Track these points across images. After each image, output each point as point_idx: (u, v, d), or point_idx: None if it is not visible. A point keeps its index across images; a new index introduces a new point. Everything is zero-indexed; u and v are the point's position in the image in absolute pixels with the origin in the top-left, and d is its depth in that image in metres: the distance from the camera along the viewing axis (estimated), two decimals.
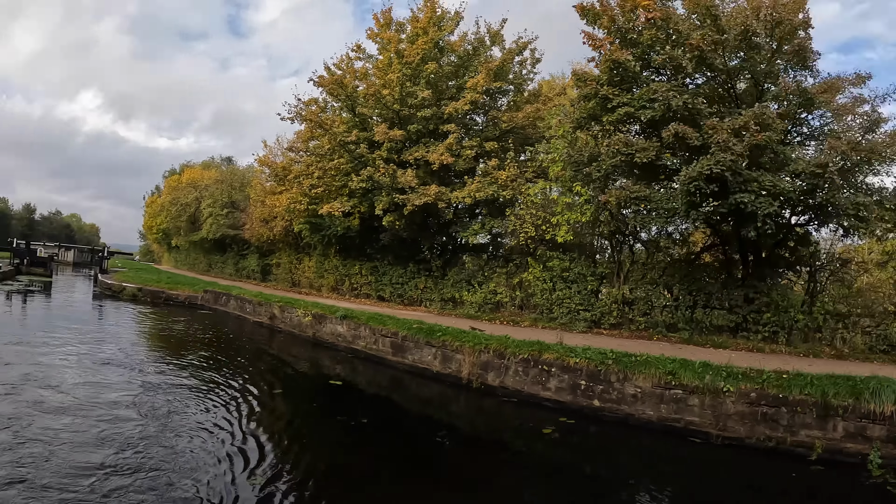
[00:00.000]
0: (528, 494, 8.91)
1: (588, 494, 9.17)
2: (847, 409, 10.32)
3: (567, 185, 17.94)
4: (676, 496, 9.20)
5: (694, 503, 9.06)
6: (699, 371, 11.80)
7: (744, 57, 15.06)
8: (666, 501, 9.02)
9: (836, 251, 17.36)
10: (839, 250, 17.48)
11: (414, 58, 22.13)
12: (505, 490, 9.06)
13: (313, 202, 24.25)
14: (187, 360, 17.11)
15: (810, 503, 9.16)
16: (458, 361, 15.61)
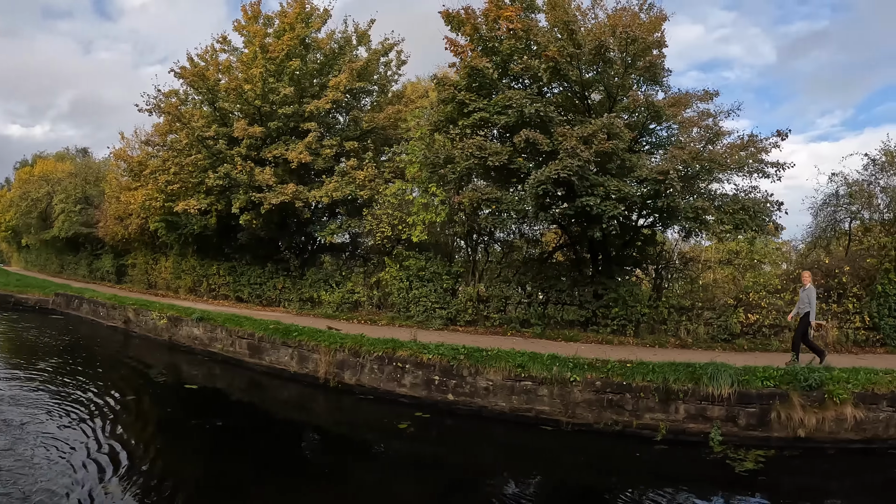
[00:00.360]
0: (394, 490, 9.21)
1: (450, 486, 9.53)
2: (687, 392, 11.29)
3: (423, 186, 18.26)
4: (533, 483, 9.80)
5: (550, 489, 9.56)
6: (547, 363, 12.46)
7: (598, 70, 15.83)
8: (523, 488, 9.47)
9: (682, 251, 18.90)
10: (686, 250, 19.05)
11: (278, 53, 21.84)
12: (371, 488, 9.27)
13: (170, 199, 23.38)
14: (39, 368, 16.51)
15: (656, 480, 9.76)
16: (315, 361, 15.65)
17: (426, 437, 12.03)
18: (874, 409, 10.82)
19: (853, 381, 11.07)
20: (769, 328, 15.92)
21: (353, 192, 20.82)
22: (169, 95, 24.18)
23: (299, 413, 14.35)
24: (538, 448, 11.43)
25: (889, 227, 16.95)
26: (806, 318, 13.03)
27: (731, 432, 11.04)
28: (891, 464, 10.40)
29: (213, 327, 19.34)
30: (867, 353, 15.24)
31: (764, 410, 10.96)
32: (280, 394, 15.61)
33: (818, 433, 10.73)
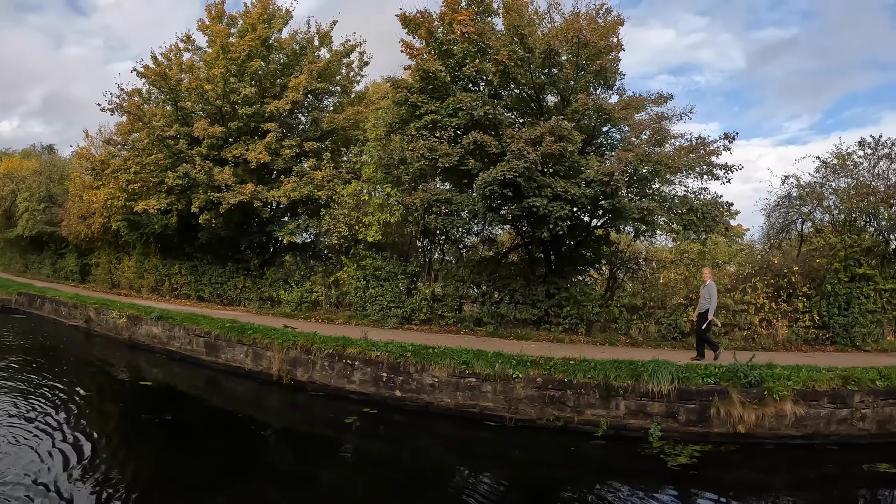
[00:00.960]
0: (341, 486, 9.39)
1: (395, 482, 9.73)
2: (627, 389, 11.51)
3: (379, 187, 18.40)
4: (477, 478, 9.92)
5: (493, 484, 9.66)
6: (491, 360, 12.65)
7: (548, 74, 16.01)
8: (468, 484, 9.68)
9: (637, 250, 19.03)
10: (639, 250, 19.19)
11: (239, 54, 21.85)
12: (319, 484, 9.44)
13: (131, 198, 23.24)
14: (1, 367, 16.63)
15: (591, 474, 10.09)
16: (269, 359, 15.83)
17: (374, 433, 12.23)
18: (815, 405, 11.05)
19: (794, 379, 11.27)
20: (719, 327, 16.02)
21: (311, 193, 20.86)
22: (132, 94, 24.04)
23: (251, 409, 14.44)
24: (483, 443, 11.61)
25: (839, 227, 17.19)
26: (705, 315, 13.39)
27: (672, 428, 11.21)
28: (829, 459, 10.53)
29: (172, 326, 19.48)
30: (816, 352, 15.51)
31: (703, 407, 11.13)
32: (237, 391, 15.76)
33: (758, 429, 10.91)
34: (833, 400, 11.07)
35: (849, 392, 11.10)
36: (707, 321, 13.38)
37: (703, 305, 13.58)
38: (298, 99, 21.71)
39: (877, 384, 11.24)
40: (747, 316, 16.09)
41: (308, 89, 22.00)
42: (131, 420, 12.99)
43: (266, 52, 23.06)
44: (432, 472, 10.34)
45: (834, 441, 10.96)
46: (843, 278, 16.29)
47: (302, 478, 9.67)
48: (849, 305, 16.19)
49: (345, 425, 12.22)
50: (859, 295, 16.24)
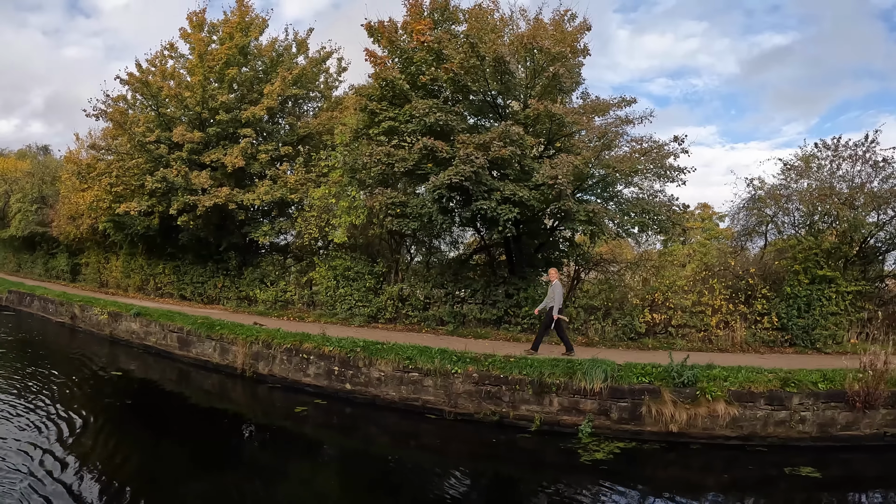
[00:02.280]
0: (295, 473, 10.10)
1: (347, 469, 10.56)
2: (560, 386, 11.82)
3: (345, 190, 18.81)
4: (418, 467, 10.67)
5: (433, 474, 10.31)
6: (434, 356, 13.13)
7: (501, 80, 16.30)
8: (408, 474, 10.31)
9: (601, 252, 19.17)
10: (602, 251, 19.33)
11: (217, 62, 22.52)
12: (278, 471, 10.00)
13: (116, 200, 23.77)
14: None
15: (514, 466, 10.66)
16: (234, 353, 16.58)
17: (327, 424, 12.90)
18: (750, 406, 11.07)
19: (731, 380, 11.34)
20: (675, 328, 16.11)
21: (284, 195, 21.47)
22: (117, 100, 24.73)
23: (210, 397, 15.29)
24: (425, 435, 12.16)
25: (799, 229, 17.22)
26: (550, 313, 13.81)
27: (604, 425, 11.48)
28: (754, 461, 10.49)
29: (149, 322, 20.35)
30: (774, 354, 15.48)
31: (635, 405, 11.36)
32: (205, 383, 16.49)
33: (691, 429, 11.03)
34: (770, 402, 11.05)
35: (787, 394, 11.06)
36: (552, 319, 13.82)
37: (546, 303, 14.08)
38: (273, 105, 22.29)
39: (819, 387, 11.16)
40: (704, 318, 16.11)
41: (282, 96, 22.63)
42: (96, 403, 13.82)
43: (244, 59, 23.68)
44: (378, 461, 10.93)
45: (771, 443, 10.92)
46: (804, 280, 16.29)
47: (255, 463, 10.41)
48: (809, 308, 16.13)
49: (300, 416, 12.96)
50: (820, 297, 16.15)
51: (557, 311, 13.74)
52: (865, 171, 17.43)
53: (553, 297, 13.81)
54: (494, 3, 18.01)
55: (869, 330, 17.28)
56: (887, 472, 10.34)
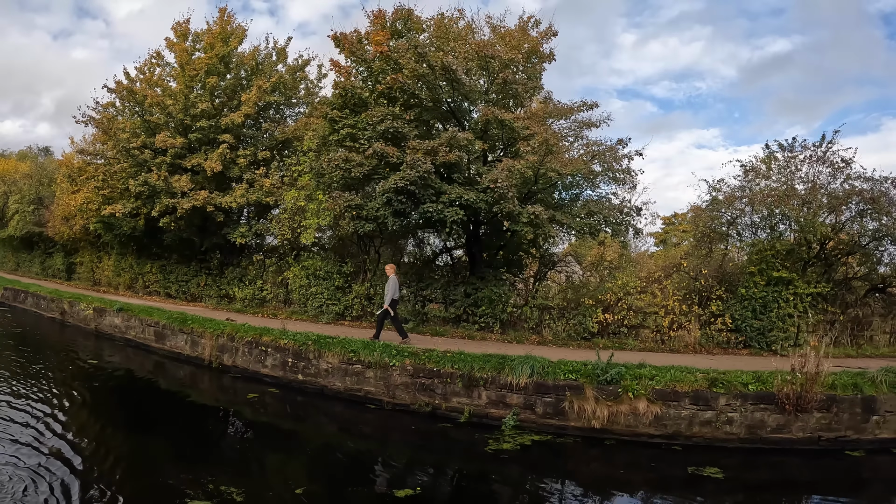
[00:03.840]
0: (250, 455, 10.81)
1: (295, 454, 11.16)
2: (488, 380, 12.29)
3: (312, 193, 19.64)
4: (358, 452, 11.37)
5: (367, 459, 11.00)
6: (376, 350, 13.87)
7: (453, 88, 16.94)
8: (349, 460, 10.94)
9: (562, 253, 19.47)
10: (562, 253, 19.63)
11: (197, 71, 23.55)
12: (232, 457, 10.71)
13: (106, 202, 24.75)
14: None
15: (436, 452, 11.28)
16: (203, 345, 17.62)
17: (281, 413, 13.74)
18: (675, 405, 11.15)
19: (658, 379, 11.46)
20: (629, 328, 16.35)
21: (259, 198, 22.38)
22: (106, 107, 25.81)
23: (176, 385, 16.20)
24: (366, 423, 12.91)
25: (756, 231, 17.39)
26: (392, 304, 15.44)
27: (530, 419, 11.82)
28: (665, 459, 10.61)
29: (129, 317, 21.42)
30: (728, 355, 15.66)
31: (559, 401, 11.62)
32: (177, 374, 17.37)
33: (614, 425, 11.23)
34: (695, 401, 11.09)
35: (713, 395, 11.08)
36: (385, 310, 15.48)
37: (387, 297, 15.46)
38: (250, 112, 23.25)
39: (749, 388, 11.14)
40: (657, 318, 16.35)
41: (259, 104, 23.59)
42: (68, 387, 14.78)
43: (225, 68, 24.59)
44: (324, 447, 11.73)
45: (697, 443, 10.96)
46: (760, 282, 16.46)
47: (213, 446, 11.33)
48: (765, 309, 16.31)
49: (252, 403, 13.93)
50: (777, 299, 16.33)
51: (388, 303, 15.33)
52: (824, 173, 17.56)
53: (389, 289, 15.39)
54: (460, 11, 18.51)
55: (831, 333, 17.38)
56: (812, 478, 10.28)
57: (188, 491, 8.08)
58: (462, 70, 15.88)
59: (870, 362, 13.87)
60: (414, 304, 18.62)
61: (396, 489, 8.69)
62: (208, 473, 8.86)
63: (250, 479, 8.98)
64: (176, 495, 7.97)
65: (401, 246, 20.92)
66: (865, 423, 11.03)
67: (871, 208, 16.76)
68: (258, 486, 8.66)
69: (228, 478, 8.67)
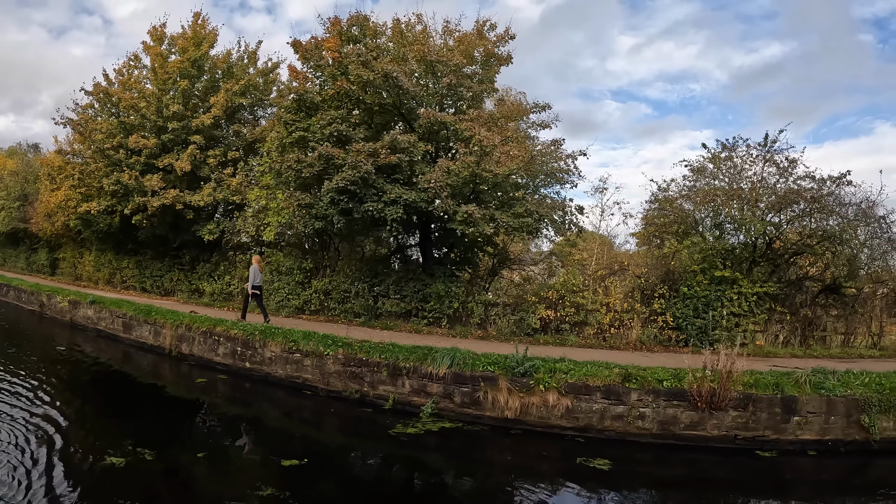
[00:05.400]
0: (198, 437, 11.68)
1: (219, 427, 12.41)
2: (411, 370, 12.94)
3: (273, 193, 20.52)
4: (274, 429, 12.52)
5: (276, 434, 12.12)
6: (314, 340, 14.71)
7: (396, 92, 17.58)
8: (260, 433, 12.21)
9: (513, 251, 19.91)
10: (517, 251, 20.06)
11: (170, 74, 24.61)
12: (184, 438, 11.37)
13: (85, 200, 25.65)
14: None
15: (348, 435, 12.28)
16: (164, 335, 18.54)
17: (231, 398, 14.72)
18: (587, 399, 11.32)
19: (573, 373, 11.65)
20: (571, 325, 16.73)
21: (226, 197, 23.43)
22: (85, 108, 26.92)
23: (135, 370, 17.35)
24: (303, 409, 13.76)
25: (697, 230, 17.67)
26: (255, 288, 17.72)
27: (449, 408, 12.30)
28: (562, 449, 10.80)
29: (101, 309, 22.45)
30: (668, 353, 15.77)
31: (475, 391, 12.05)
32: (142, 362, 18.32)
33: (527, 416, 11.56)
34: (607, 395, 11.23)
35: (625, 389, 11.17)
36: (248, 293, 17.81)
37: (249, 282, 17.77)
38: (219, 114, 24.23)
39: (663, 385, 11.19)
40: (598, 315, 16.72)
41: (227, 106, 24.51)
42: (37, 371, 15.63)
43: (197, 71, 25.56)
44: (243, 423, 12.75)
45: (609, 437, 11.12)
46: (703, 281, 16.74)
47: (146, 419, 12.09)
48: (708, 308, 16.58)
49: (202, 387, 15.13)
50: (720, 298, 16.60)
51: (250, 287, 17.64)
52: (773, 173, 17.81)
53: (250, 277, 17.69)
54: (417, 16, 19.02)
55: (780, 332, 17.68)
56: (716, 476, 10.25)
57: (110, 450, 9.26)
58: (404, 75, 16.43)
59: (815, 362, 13.78)
60: (367, 300, 19.27)
61: (285, 459, 9.62)
62: (132, 439, 9.89)
63: (165, 445, 10.00)
64: (100, 452, 9.22)
65: (359, 243, 21.47)
66: (786, 423, 10.93)
67: (814, 208, 17.04)
68: (168, 450, 9.74)
69: (146, 443, 9.67)
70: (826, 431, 10.90)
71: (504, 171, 15.59)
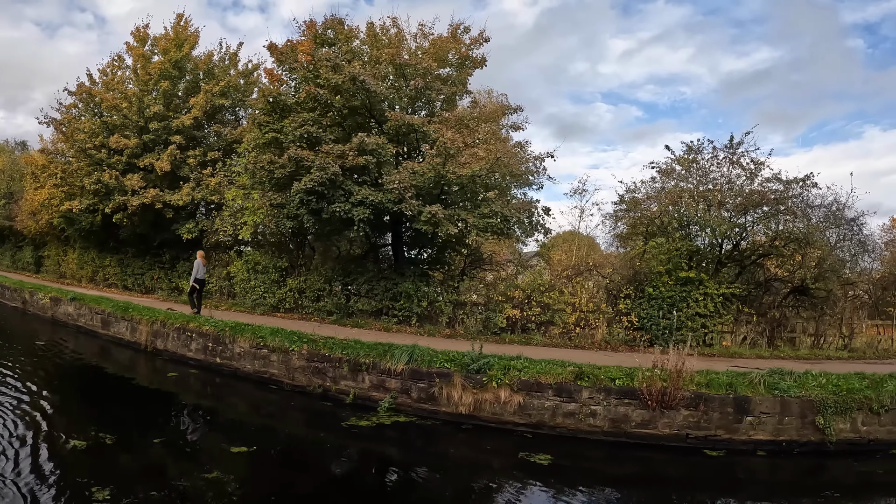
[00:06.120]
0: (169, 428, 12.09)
1: (181, 417, 12.96)
2: (371, 366, 13.34)
3: (250, 192, 20.95)
4: (233, 420, 12.97)
5: (234, 424, 12.57)
6: (280, 336, 15.15)
7: (364, 95, 17.89)
8: (219, 424, 12.66)
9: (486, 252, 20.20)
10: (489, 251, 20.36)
11: (151, 76, 25.08)
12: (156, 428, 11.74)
13: (68, 198, 26.10)
14: None
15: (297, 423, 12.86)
16: (140, 331, 19.05)
17: (184, 387, 15.30)
18: (539, 396, 11.53)
19: (526, 370, 11.91)
20: (537, 324, 17.02)
21: (205, 196, 23.91)
22: (69, 108, 27.39)
23: (131, 372, 17.17)
24: (270, 403, 14.20)
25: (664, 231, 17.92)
26: (197, 282, 19.03)
27: (406, 403, 12.61)
28: (510, 444, 10.96)
29: (81, 305, 23.01)
30: (633, 352, 15.25)
31: (431, 386, 12.36)
32: (120, 357, 18.83)
33: (481, 412, 11.84)
34: (559, 393, 11.40)
35: (577, 387, 11.34)
36: (191, 287, 19.17)
37: (192, 276, 19.11)
38: (199, 115, 24.64)
39: (615, 383, 11.31)
40: (564, 315, 17.00)
41: (207, 107, 24.93)
42: (16, 364, 16.07)
43: (179, 72, 26.01)
44: (203, 414, 13.22)
45: (561, 433, 11.27)
46: (668, 281, 17.00)
47: (113, 408, 12.78)
48: (673, 309, 16.84)
49: (173, 381, 15.63)
50: (686, 298, 16.85)
51: (192, 280, 19.05)
52: (741, 175, 18.05)
53: (193, 271, 19.02)
54: (392, 19, 19.30)
55: (749, 333, 17.92)
56: (663, 474, 10.35)
57: (74, 434, 9.89)
58: (374, 78, 16.78)
59: (780, 363, 13.96)
60: (340, 298, 19.64)
61: (235, 446, 10.13)
62: (96, 425, 10.64)
63: (125, 430, 10.55)
64: (65, 436, 9.84)
65: (334, 242, 21.79)
66: (738, 423, 11.00)
67: (778, 210, 17.29)
68: (127, 436, 10.30)
69: (109, 429, 10.33)
70: (780, 432, 10.99)
71: (468, 173, 15.90)
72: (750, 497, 9.49)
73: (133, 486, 7.95)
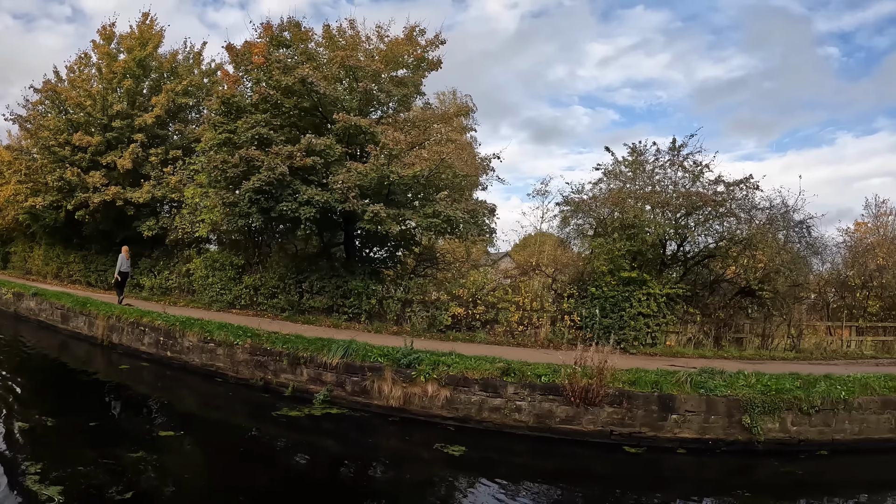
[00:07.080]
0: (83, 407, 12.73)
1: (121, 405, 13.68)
2: (308, 360, 13.93)
3: (207, 190, 21.38)
4: (170, 408, 13.64)
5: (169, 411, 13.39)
6: (226, 330, 15.78)
7: (316, 98, 18.44)
8: (157, 411, 13.37)
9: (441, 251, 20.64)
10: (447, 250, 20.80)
11: (115, 74, 25.58)
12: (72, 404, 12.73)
13: (34, 194, 26.27)
14: None
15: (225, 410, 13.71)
16: (97, 326, 19.60)
17: (132, 378, 15.90)
18: (465, 391, 11.89)
19: (455, 365, 12.24)
20: (481, 323, 17.43)
21: (165, 194, 24.44)
22: (35, 105, 27.88)
23: (88, 366, 17.65)
24: (216, 395, 14.73)
25: (606, 232, 18.28)
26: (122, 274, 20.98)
27: (341, 396, 13.10)
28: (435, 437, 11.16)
29: (42, 300, 23.65)
30: (574, 350, 16.04)
31: (363, 380, 12.88)
32: (77, 351, 19.45)
33: (410, 406, 12.27)
34: (484, 388, 11.74)
35: (502, 383, 11.66)
36: (115, 279, 21.13)
37: (117, 269, 20.97)
38: (161, 114, 25.17)
39: (540, 380, 11.58)
40: (508, 314, 17.41)
41: (168, 106, 25.43)
42: None
43: (142, 71, 26.48)
44: (164, 407, 13.73)
45: (488, 428, 11.58)
46: (612, 281, 17.26)
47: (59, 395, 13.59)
48: (616, 308, 17.21)
49: (124, 373, 16.24)
50: (629, 298, 17.10)
51: (116, 273, 20.83)
52: (681, 176, 18.42)
53: (118, 264, 20.90)
54: (350, 21, 19.79)
55: (696, 333, 18.29)
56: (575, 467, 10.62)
57: (19, 416, 10.92)
58: (325, 80, 17.21)
59: (722, 363, 14.08)
60: (293, 295, 20.07)
61: (164, 430, 11.00)
62: (39, 410, 11.50)
63: (65, 415, 11.38)
64: (10, 420, 10.71)
65: (289, 240, 22.30)
66: (663, 421, 11.15)
67: (719, 212, 17.67)
68: (68, 419, 11.12)
69: (51, 413, 11.18)
70: (706, 430, 11.13)
71: (410, 173, 16.35)
72: (672, 494, 9.71)
73: (63, 462, 8.75)
